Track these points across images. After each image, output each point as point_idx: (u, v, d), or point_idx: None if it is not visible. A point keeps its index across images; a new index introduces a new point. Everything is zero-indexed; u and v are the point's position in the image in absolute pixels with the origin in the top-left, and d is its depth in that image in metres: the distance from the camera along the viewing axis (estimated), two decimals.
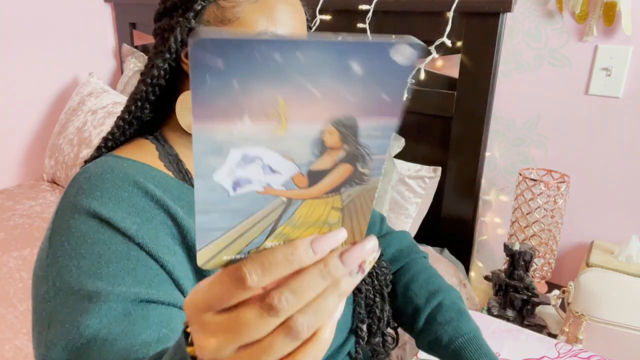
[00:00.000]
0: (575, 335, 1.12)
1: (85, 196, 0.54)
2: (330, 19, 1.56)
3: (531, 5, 1.34)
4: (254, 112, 0.24)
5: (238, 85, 0.23)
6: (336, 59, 0.23)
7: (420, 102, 1.48)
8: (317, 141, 0.25)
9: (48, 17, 1.90)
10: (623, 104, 1.29)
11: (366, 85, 0.24)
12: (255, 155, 0.25)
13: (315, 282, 0.27)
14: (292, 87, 0.23)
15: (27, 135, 1.94)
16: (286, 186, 0.27)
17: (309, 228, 0.28)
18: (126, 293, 0.50)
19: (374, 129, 0.26)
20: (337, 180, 0.27)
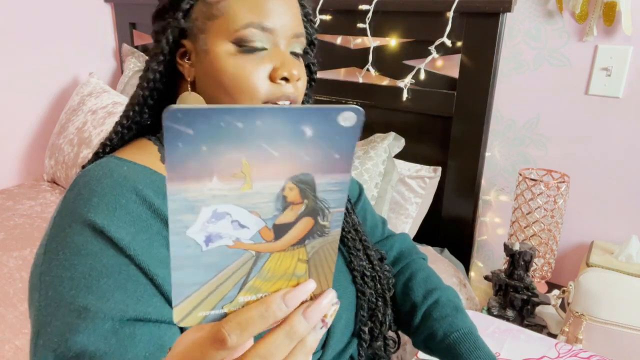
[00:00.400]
0: (575, 335, 1.12)
1: (82, 203, 0.54)
2: (330, 19, 1.56)
3: (531, 5, 1.34)
4: (221, 173, 0.27)
5: (206, 149, 0.26)
6: (290, 124, 0.26)
7: (420, 102, 1.48)
8: (280, 197, 0.28)
9: (48, 17, 1.90)
10: (623, 104, 1.29)
11: (318, 146, 0.27)
12: (224, 212, 0.28)
13: (283, 344, 0.29)
14: (254, 149, 0.26)
15: (27, 135, 1.94)
16: (254, 240, 0.29)
17: (278, 280, 0.31)
18: (114, 310, 0.50)
19: (330, 185, 0.29)
20: (300, 233, 0.30)
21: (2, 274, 1.25)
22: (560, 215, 1.31)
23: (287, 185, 0.28)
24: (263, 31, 0.59)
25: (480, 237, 1.59)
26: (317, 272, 0.31)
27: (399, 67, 1.51)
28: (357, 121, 0.27)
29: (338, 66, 1.67)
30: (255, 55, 0.59)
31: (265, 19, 0.59)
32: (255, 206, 0.28)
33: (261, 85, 0.59)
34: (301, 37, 0.63)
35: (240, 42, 0.58)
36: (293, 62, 0.60)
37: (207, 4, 0.59)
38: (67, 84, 2.02)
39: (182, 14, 0.61)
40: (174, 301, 0.29)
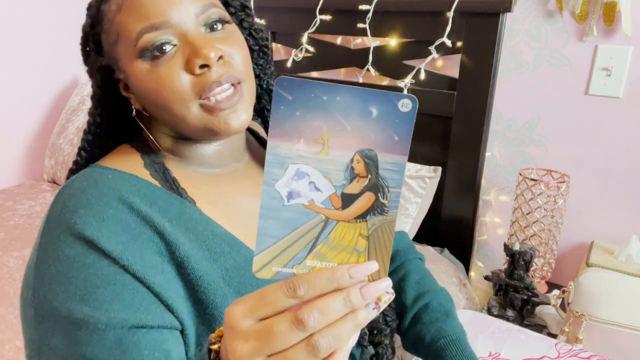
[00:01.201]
0: (575, 335, 1.12)
1: (69, 215, 0.52)
2: (330, 19, 1.56)
3: (531, 5, 1.34)
4: (307, 137, 0.33)
5: (299, 114, 0.32)
6: (360, 102, 0.32)
7: (420, 102, 1.46)
8: (349, 167, 0.33)
9: (48, 16, 1.90)
10: (623, 104, 1.29)
11: (381, 126, 0.33)
12: (305, 172, 0.33)
13: (338, 306, 0.33)
14: (332, 120, 0.32)
15: (27, 135, 1.94)
16: (325, 204, 0.34)
17: (340, 252, 0.35)
18: (114, 320, 0.49)
19: (390, 164, 0.33)
20: (363, 206, 0.34)
21: (2, 274, 1.25)
22: (560, 215, 1.31)
23: (355, 157, 0.33)
24: (157, 30, 0.54)
25: (480, 237, 1.59)
26: (375, 253, 0.35)
27: (399, 67, 1.51)
28: (413, 108, 0.32)
29: (338, 66, 1.67)
30: (165, 58, 0.55)
31: (153, 18, 0.55)
32: (328, 172, 0.33)
33: (183, 84, 0.55)
34: (209, 9, 0.57)
35: (143, 53, 0.55)
36: (208, 43, 0.55)
37: (106, 32, 0.58)
38: (67, 84, 2.02)
39: (95, 53, 0.60)
40: (256, 249, 0.34)
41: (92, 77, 0.63)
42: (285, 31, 1.68)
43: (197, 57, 0.54)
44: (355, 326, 0.33)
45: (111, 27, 0.57)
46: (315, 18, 1.55)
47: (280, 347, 0.33)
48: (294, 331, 0.32)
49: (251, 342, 0.33)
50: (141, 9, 0.55)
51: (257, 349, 0.33)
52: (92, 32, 0.60)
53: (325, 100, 0.32)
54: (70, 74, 2.03)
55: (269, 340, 0.33)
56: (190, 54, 0.55)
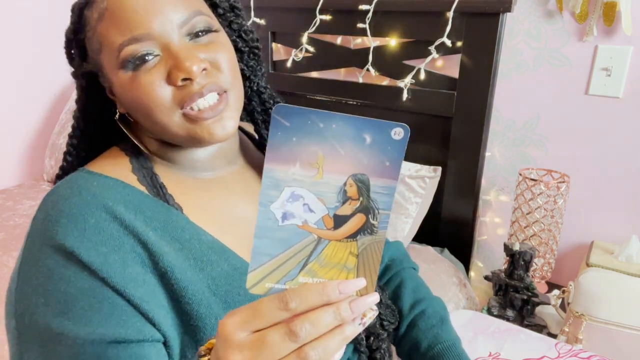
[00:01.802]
0: (575, 335, 1.12)
1: (51, 224, 0.52)
2: (330, 19, 1.56)
3: (531, 5, 1.34)
4: (303, 161, 0.34)
5: (295, 140, 0.34)
6: (355, 130, 0.34)
7: (420, 102, 1.48)
8: (342, 190, 0.35)
9: (48, 17, 1.90)
10: (623, 104, 1.29)
11: (374, 152, 0.35)
12: (299, 194, 0.35)
13: (329, 318, 0.34)
14: (327, 146, 0.34)
15: (27, 135, 1.94)
16: (318, 225, 0.36)
17: (331, 269, 0.37)
18: (92, 335, 0.48)
19: (381, 188, 0.35)
20: (354, 226, 0.36)
21: (2, 274, 1.25)
22: (560, 215, 1.31)
23: (348, 181, 0.35)
24: (139, 42, 0.53)
25: (480, 237, 1.59)
26: (364, 270, 0.37)
27: (399, 67, 1.51)
28: (405, 136, 0.35)
29: (338, 66, 1.67)
30: (146, 67, 0.54)
31: (134, 30, 0.53)
32: (322, 194, 0.35)
33: (162, 95, 0.54)
34: (193, 18, 0.55)
35: (125, 64, 0.54)
36: (190, 55, 0.53)
37: (90, 40, 0.57)
38: (67, 84, 2.02)
39: (79, 59, 0.60)
40: (250, 267, 0.36)
41: (76, 81, 0.62)
42: (285, 31, 1.68)
43: (179, 71, 0.53)
44: (342, 340, 0.35)
45: (94, 36, 0.57)
46: (315, 18, 1.55)
47: (273, 358, 0.34)
48: (286, 342, 0.34)
49: (245, 353, 0.34)
50: (122, 20, 0.53)
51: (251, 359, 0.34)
52: (75, 38, 0.59)
53: (322, 128, 0.34)
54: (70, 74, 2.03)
55: (262, 350, 0.34)
56: (172, 66, 0.54)
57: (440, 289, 1.30)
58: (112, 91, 0.60)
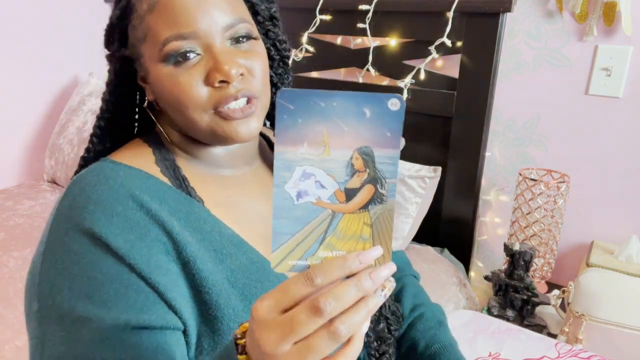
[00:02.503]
0: (575, 335, 1.12)
1: (79, 210, 0.53)
2: (330, 19, 1.56)
3: (531, 5, 1.34)
4: (310, 141, 0.36)
5: (301, 121, 0.36)
6: (355, 105, 0.36)
7: (420, 102, 1.48)
8: (349, 164, 0.37)
9: (48, 17, 1.90)
10: (623, 104, 1.29)
11: (374, 124, 0.36)
12: (310, 172, 0.37)
13: (352, 291, 0.36)
14: (331, 123, 0.36)
15: (27, 135, 1.94)
16: (331, 200, 0.38)
17: (348, 241, 0.39)
18: (118, 320, 0.49)
19: (385, 158, 0.37)
20: (365, 197, 0.38)
21: (2, 274, 1.25)
22: (560, 215, 1.31)
23: (354, 155, 0.37)
24: (185, 39, 0.55)
25: (480, 237, 1.59)
26: (379, 238, 0.39)
27: (399, 67, 1.51)
28: (401, 106, 0.36)
29: (338, 66, 1.67)
30: (187, 64, 0.56)
31: (182, 27, 0.55)
32: (331, 170, 0.37)
33: (199, 94, 0.56)
34: (238, 24, 0.58)
35: (167, 58, 0.56)
36: (230, 59, 0.56)
37: (134, 27, 0.59)
38: (67, 84, 2.02)
39: (119, 43, 0.61)
40: (273, 247, 0.38)
41: (110, 64, 0.63)
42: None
43: (218, 72, 0.55)
44: (367, 312, 0.37)
45: (140, 25, 0.58)
46: (315, 18, 1.56)
47: (303, 334, 0.36)
48: (312, 319, 0.35)
49: (277, 332, 0.36)
50: (172, 15, 0.55)
51: (283, 338, 0.36)
52: (119, 24, 0.60)
53: (324, 107, 0.36)
54: (70, 74, 2.03)
55: (293, 328, 0.35)
56: (212, 68, 0.56)
57: (440, 289, 1.30)
58: (144, 79, 0.62)
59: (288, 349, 0.36)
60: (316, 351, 0.36)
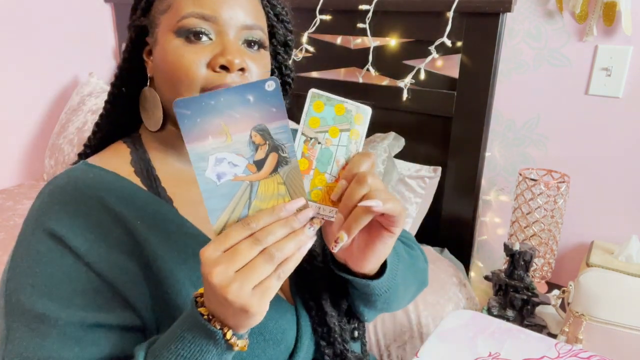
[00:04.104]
0: (575, 335, 1.12)
1: (45, 211, 0.55)
2: (330, 19, 1.56)
3: (531, 5, 1.34)
4: (213, 133, 0.44)
5: (200, 120, 0.44)
6: (239, 96, 0.44)
7: (420, 102, 1.48)
8: (250, 142, 0.45)
9: (48, 17, 1.90)
10: (623, 104, 1.29)
11: (260, 105, 0.45)
12: (222, 157, 0.45)
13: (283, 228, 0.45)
14: (225, 115, 0.44)
15: (27, 135, 1.94)
16: (246, 173, 0.46)
17: (270, 200, 0.47)
18: (74, 317, 0.51)
19: (278, 129, 0.45)
20: (272, 163, 0.46)
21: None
22: (560, 215, 1.31)
23: (252, 133, 0.45)
24: (204, 20, 0.57)
25: (480, 237, 1.59)
26: (294, 191, 0.47)
27: (399, 67, 1.51)
28: (276, 86, 0.44)
29: (338, 66, 1.67)
30: (198, 45, 0.57)
31: (206, 8, 0.57)
32: (238, 150, 0.45)
33: (198, 74, 0.57)
34: (255, 29, 0.60)
35: (181, 31, 0.58)
36: (238, 51, 0.58)
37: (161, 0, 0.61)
38: (67, 84, 2.02)
39: (141, 12, 0.63)
40: (212, 222, 0.45)
41: (128, 32, 0.65)
42: None
43: (222, 57, 0.57)
44: (297, 242, 0.45)
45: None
46: (315, 18, 1.56)
47: (244, 261, 0.43)
48: (252, 247, 0.43)
49: (222, 264, 0.42)
50: None
51: (227, 267, 0.42)
52: None
53: (214, 104, 0.44)
54: (70, 74, 2.03)
55: (235, 258, 0.43)
56: (218, 53, 0.57)
57: (440, 289, 1.30)
58: (150, 52, 0.63)
59: (232, 275, 0.42)
60: (255, 271, 0.43)
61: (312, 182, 0.49)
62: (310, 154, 0.49)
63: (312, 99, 0.49)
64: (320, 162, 0.49)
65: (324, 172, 0.49)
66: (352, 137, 0.50)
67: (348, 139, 0.49)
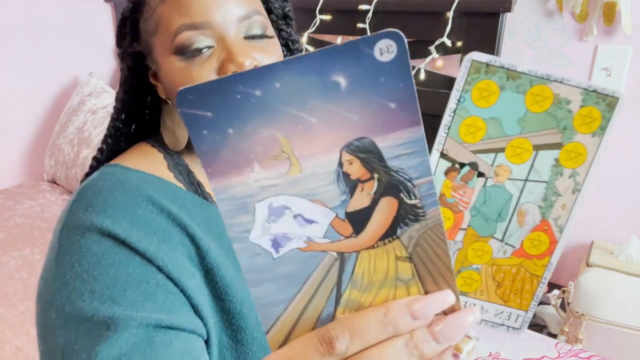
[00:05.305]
0: (575, 335, 1.12)
1: (96, 214, 0.50)
2: (330, 19, 1.56)
3: (531, 5, 1.34)
4: (260, 157, 0.22)
5: (233, 131, 0.22)
6: (315, 76, 0.21)
7: (420, 102, 1.46)
8: (340, 174, 0.23)
9: (48, 17, 1.90)
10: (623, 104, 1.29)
11: (362, 97, 0.21)
12: (281, 205, 0.23)
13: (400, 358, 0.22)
14: (285, 120, 0.22)
15: (27, 135, 1.94)
16: (330, 237, 0.24)
17: (380, 289, 0.25)
18: (147, 319, 0.46)
19: (399, 147, 0.22)
20: (385, 219, 0.24)
21: (2, 274, 1.25)
22: None
23: (343, 157, 0.23)
24: (197, 29, 0.53)
25: None
26: (431, 276, 0.24)
27: None
28: (399, 49, 0.21)
29: None
30: (201, 57, 0.53)
31: (195, 16, 0.53)
32: (314, 192, 0.23)
33: None
34: (253, 16, 0.55)
35: (179, 50, 0.53)
36: (244, 50, 0.53)
37: (146, 20, 0.57)
38: (67, 84, 2.02)
39: (131, 38, 0.59)
40: (264, 326, 0.25)
41: (123, 62, 0.61)
42: None
43: (231, 63, 0.52)
44: None
45: (152, 17, 0.56)
46: (315, 18, 1.55)
47: None
48: None
49: None
50: (184, 4, 0.53)
51: None
52: (131, 17, 0.59)
53: (260, 96, 0.21)
54: (70, 74, 2.03)
55: None
56: (225, 59, 0.53)
57: None
58: (155, 76, 0.60)
59: None
60: None
61: (461, 254, 0.27)
62: (460, 196, 0.26)
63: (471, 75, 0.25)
64: (481, 216, 0.26)
65: (487, 235, 0.27)
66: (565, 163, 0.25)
67: (552, 167, 0.25)
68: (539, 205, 0.26)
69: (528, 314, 0.29)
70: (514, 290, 0.28)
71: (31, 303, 1.12)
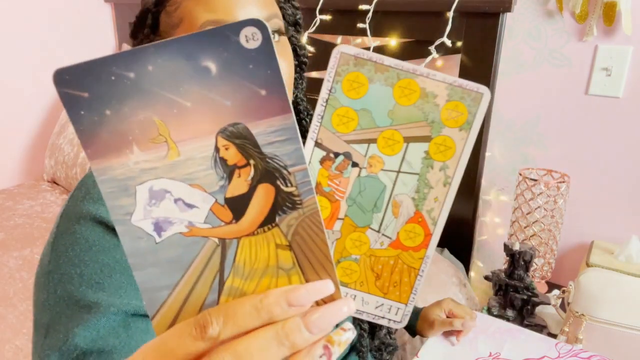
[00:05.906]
0: (575, 335, 1.12)
1: (92, 202, 0.53)
2: (330, 19, 1.56)
3: (531, 5, 1.34)
4: (139, 140, 0.22)
5: (110, 113, 0.22)
6: (186, 60, 0.21)
7: None
8: (217, 159, 0.23)
9: (48, 17, 1.90)
10: (623, 104, 1.29)
11: (233, 82, 0.22)
12: (162, 189, 0.23)
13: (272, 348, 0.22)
14: (160, 103, 0.22)
15: (27, 135, 1.94)
16: (211, 222, 0.24)
17: (262, 278, 0.25)
18: (127, 306, 0.49)
19: (273, 134, 0.22)
20: (263, 206, 0.24)
21: (2, 274, 1.25)
22: (560, 215, 1.31)
23: (219, 142, 0.23)
24: None
25: (480, 237, 1.59)
26: (310, 264, 0.24)
27: None
28: (264, 37, 0.21)
29: None
30: None
31: (221, 13, 0.55)
32: (193, 177, 0.23)
33: None
34: (272, 19, 0.58)
35: None
36: None
37: (168, 14, 0.58)
38: None
39: (149, 29, 0.61)
40: (149, 312, 0.24)
41: None
42: None
43: None
44: None
45: (176, 10, 0.57)
46: (315, 18, 1.56)
47: None
48: None
49: None
50: (211, 1, 0.55)
51: None
52: (154, 9, 0.60)
53: (135, 79, 0.21)
54: None
55: None
56: None
57: (440, 289, 1.30)
58: None
59: None
60: None
61: (340, 244, 0.28)
62: (335, 185, 0.27)
63: (341, 67, 0.26)
64: (357, 206, 0.27)
65: (364, 225, 0.27)
66: (435, 156, 0.27)
67: (423, 159, 0.27)
68: (412, 197, 0.27)
69: (408, 307, 0.29)
70: (393, 282, 0.29)
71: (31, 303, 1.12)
